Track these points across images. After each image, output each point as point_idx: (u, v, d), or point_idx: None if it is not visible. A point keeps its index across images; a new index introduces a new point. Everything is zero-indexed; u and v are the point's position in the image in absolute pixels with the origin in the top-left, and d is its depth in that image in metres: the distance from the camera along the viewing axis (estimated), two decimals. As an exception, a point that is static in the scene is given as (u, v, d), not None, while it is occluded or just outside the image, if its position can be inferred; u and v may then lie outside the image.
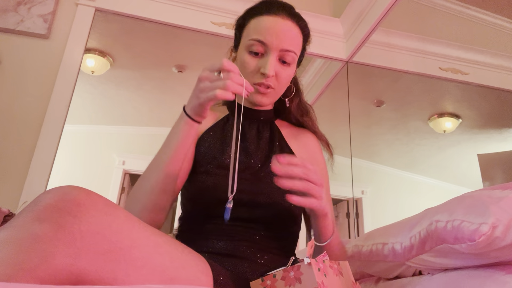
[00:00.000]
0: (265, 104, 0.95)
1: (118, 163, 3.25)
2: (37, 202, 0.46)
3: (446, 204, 0.74)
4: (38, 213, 0.44)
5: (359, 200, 2.86)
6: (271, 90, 0.92)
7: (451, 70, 2.43)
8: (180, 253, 0.56)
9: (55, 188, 0.48)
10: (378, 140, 3.19)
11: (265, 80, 0.89)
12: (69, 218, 0.44)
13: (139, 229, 0.52)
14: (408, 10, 2.40)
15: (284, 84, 0.94)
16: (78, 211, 0.46)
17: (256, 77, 0.90)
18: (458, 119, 2.90)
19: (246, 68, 0.90)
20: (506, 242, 0.60)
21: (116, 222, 0.48)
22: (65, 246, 0.43)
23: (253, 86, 0.89)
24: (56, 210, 0.45)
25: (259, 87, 0.90)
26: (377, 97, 2.77)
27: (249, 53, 0.91)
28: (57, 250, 0.42)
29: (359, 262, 0.99)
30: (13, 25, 1.89)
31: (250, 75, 0.90)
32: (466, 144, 3.24)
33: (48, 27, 1.93)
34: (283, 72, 0.92)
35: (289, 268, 0.57)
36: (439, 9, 2.50)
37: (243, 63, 0.91)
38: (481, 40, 2.50)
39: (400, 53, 2.38)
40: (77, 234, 0.44)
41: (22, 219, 0.44)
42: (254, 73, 0.90)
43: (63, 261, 0.42)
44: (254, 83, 0.90)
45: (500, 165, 2.35)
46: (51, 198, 0.46)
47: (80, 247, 0.44)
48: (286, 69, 0.92)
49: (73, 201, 0.46)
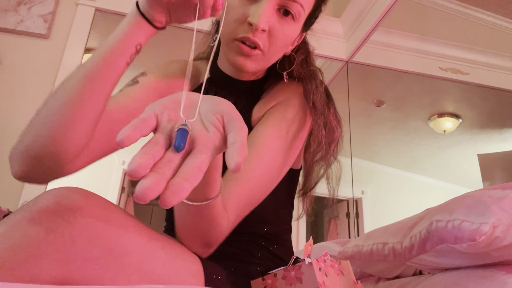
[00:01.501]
0: (249, 71, 0.69)
1: (118, 163, 3.25)
2: (34, 203, 0.46)
3: (447, 204, 0.74)
4: (32, 214, 0.44)
5: (359, 200, 2.86)
6: (258, 52, 0.67)
7: (451, 70, 2.43)
8: (174, 257, 0.54)
9: (55, 190, 0.48)
10: (378, 140, 3.19)
11: (251, 35, 0.65)
12: (62, 223, 0.44)
13: (133, 235, 0.50)
14: (408, 10, 2.40)
15: (279, 46, 0.69)
16: (73, 216, 0.45)
17: (241, 29, 0.65)
18: (458, 119, 2.90)
19: (230, 14, 0.65)
20: (507, 242, 0.60)
21: (110, 229, 0.48)
22: (53, 250, 0.43)
23: (234, 43, 0.67)
24: (50, 213, 0.44)
25: (242, 46, 0.66)
26: (377, 97, 2.77)
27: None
28: (44, 253, 0.42)
29: (359, 262, 0.99)
30: (13, 25, 1.89)
31: (233, 25, 0.66)
32: (466, 144, 3.24)
33: (48, 27, 1.93)
34: (280, 28, 0.67)
35: (290, 268, 0.57)
36: (439, 9, 2.51)
37: (229, 6, 0.65)
38: (481, 40, 2.51)
39: (400, 53, 2.39)
40: (67, 239, 0.44)
41: (17, 218, 0.44)
42: (239, 22, 0.65)
43: (48, 264, 0.42)
44: (236, 37, 0.66)
45: (500, 165, 2.35)
46: (48, 200, 0.46)
47: (68, 252, 0.43)
48: (285, 25, 0.67)
49: (69, 206, 0.46)
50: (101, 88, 0.56)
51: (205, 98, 0.44)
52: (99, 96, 0.57)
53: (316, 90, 0.74)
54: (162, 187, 0.33)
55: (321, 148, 0.73)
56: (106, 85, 0.57)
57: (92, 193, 0.50)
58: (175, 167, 0.35)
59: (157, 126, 0.39)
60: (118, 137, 0.34)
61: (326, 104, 0.75)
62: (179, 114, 0.41)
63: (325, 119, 0.73)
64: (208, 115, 0.42)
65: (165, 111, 0.40)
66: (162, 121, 0.39)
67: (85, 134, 0.57)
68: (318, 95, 0.74)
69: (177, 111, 0.41)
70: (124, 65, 0.58)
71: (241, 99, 0.77)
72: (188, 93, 0.44)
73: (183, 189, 0.33)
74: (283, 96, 0.75)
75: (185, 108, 0.42)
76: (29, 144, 0.55)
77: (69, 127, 0.55)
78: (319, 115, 0.72)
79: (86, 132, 0.57)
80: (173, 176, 0.34)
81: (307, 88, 0.74)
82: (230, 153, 0.36)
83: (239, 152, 0.36)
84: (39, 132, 0.55)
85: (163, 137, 0.38)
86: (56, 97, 0.56)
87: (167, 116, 0.40)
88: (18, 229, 0.43)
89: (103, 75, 0.56)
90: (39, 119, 0.56)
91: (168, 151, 0.37)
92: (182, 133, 0.38)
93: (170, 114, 0.40)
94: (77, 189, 0.49)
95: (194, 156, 0.37)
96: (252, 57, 0.67)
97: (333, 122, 0.75)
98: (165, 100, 0.42)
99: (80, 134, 0.56)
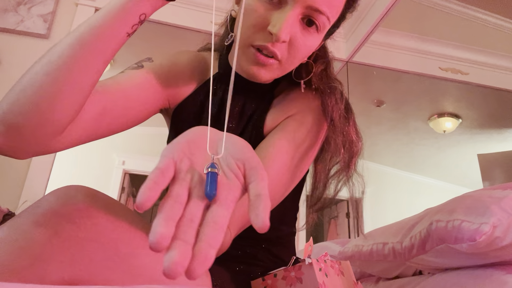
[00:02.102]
0: (262, 80, 0.65)
1: (118, 163, 3.25)
2: (39, 204, 0.45)
3: (447, 204, 0.74)
4: (37, 217, 0.43)
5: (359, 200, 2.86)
6: (274, 62, 0.62)
7: (451, 70, 2.43)
8: None
9: (59, 190, 0.47)
10: (378, 140, 3.19)
11: (270, 45, 0.59)
12: (68, 225, 0.44)
13: (141, 235, 0.49)
14: (408, 10, 2.40)
15: (297, 58, 0.64)
16: (78, 218, 0.44)
17: (260, 36, 0.60)
18: (458, 119, 2.90)
19: (249, 17, 0.60)
20: (507, 242, 0.60)
21: (117, 230, 0.47)
22: (59, 252, 0.42)
23: (249, 50, 0.61)
24: (56, 216, 0.44)
25: (258, 55, 0.61)
26: (377, 97, 2.77)
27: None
28: (50, 256, 0.42)
29: (359, 261, 0.99)
30: (13, 25, 1.89)
31: (251, 30, 0.60)
32: (466, 144, 3.24)
33: (48, 27, 1.93)
34: (301, 39, 0.61)
35: (290, 268, 0.57)
36: (439, 9, 2.50)
37: (248, 9, 0.60)
38: (481, 40, 2.51)
39: (400, 53, 2.38)
40: (74, 241, 0.43)
41: (21, 221, 0.43)
42: (258, 28, 0.60)
43: (54, 266, 0.42)
44: (253, 44, 0.61)
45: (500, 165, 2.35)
46: (53, 202, 0.45)
47: (75, 254, 0.43)
48: (307, 36, 0.62)
49: (75, 207, 0.45)
50: (95, 57, 0.50)
51: (225, 137, 0.41)
52: (92, 66, 0.50)
53: (336, 106, 0.69)
54: (189, 258, 0.30)
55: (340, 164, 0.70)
56: (101, 55, 0.50)
57: (98, 192, 0.49)
58: (197, 227, 0.32)
59: (175, 175, 0.35)
60: (138, 199, 0.31)
61: (346, 119, 0.70)
62: (199, 159, 0.38)
63: (344, 137, 0.69)
64: (227, 160, 0.39)
65: (184, 158, 0.37)
66: (181, 170, 0.36)
67: (72, 106, 0.50)
68: (338, 112, 0.69)
69: (197, 155, 0.38)
70: (125, 36, 0.51)
71: (251, 101, 0.73)
72: (204, 131, 0.41)
73: (209, 258, 0.30)
74: (298, 108, 0.71)
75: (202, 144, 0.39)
76: (7, 110, 0.48)
77: (54, 95, 0.48)
78: (338, 133, 0.68)
79: (73, 105, 0.50)
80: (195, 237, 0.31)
81: (325, 103, 0.69)
82: (255, 208, 0.33)
83: (265, 208, 0.33)
84: (20, 98, 0.48)
85: (183, 191, 0.34)
86: (42, 62, 0.49)
87: (187, 164, 0.37)
88: (22, 232, 0.42)
89: (98, 44, 0.49)
90: (20, 85, 0.49)
91: (189, 204, 0.34)
92: (213, 178, 0.34)
93: (190, 160, 0.37)
94: (82, 189, 0.48)
95: (216, 212, 0.33)
96: (268, 66, 0.62)
97: (353, 136, 0.70)
98: (182, 140, 0.39)
99: (66, 106, 0.50)
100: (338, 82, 0.74)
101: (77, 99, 0.51)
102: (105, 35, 0.50)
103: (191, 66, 0.74)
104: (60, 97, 0.49)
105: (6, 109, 0.48)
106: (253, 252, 0.73)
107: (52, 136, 0.51)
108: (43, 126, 0.49)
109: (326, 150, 0.72)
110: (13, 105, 0.48)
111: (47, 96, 0.48)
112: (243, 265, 0.71)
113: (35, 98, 0.48)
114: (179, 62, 0.73)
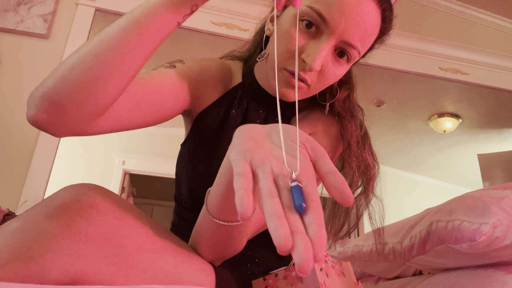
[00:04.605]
0: (290, 100, 0.67)
1: (118, 163, 3.25)
2: (53, 198, 0.47)
3: (447, 204, 0.74)
4: (51, 210, 0.45)
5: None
6: (304, 86, 0.65)
7: (451, 70, 2.43)
8: (186, 257, 0.55)
9: (72, 186, 0.49)
10: (378, 140, 3.19)
11: (303, 72, 0.63)
12: (79, 220, 0.45)
13: (147, 233, 0.51)
14: (408, 10, 2.40)
15: (325, 85, 0.68)
16: (89, 214, 0.46)
17: (293, 62, 0.62)
18: (458, 119, 2.90)
19: (285, 42, 0.63)
20: (507, 242, 0.61)
21: (124, 227, 0.49)
22: (68, 245, 0.44)
23: (283, 73, 0.64)
24: (68, 210, 0.46)
25: (290, 77, 0.64)
26: (377, 97, 2.77)
27: (299, 23, 0.62)
28: (59, 248, 0.43)
29: (359, 262, 0.99)
30: (13, 25, 1.89)
31: (285, 54, 0.63)
32: (466, 144, 3.24)
33: (48, 27, 1.93)
34: (332, 69, 0.65)
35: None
36: (439, 9, 2.51)
37: (285, 33, 0.63)
38: (481, 40, 2.51)
39: (400, 53, 2.38)
40: (83, 236, 0.45)
41: (35, 213, 0.45)
42: (293, 55, 0.62)
43: (62, 259, 0.43)
44: (286, 68, 0.63)
45: (500, 165, 2.35)
46: (66, 197, 0.47)
47: (83, 249, 0.45)
48: (337, 67, 0.65)
49: (86, 202, 0.47)
50: (146, 42, 0.51)
51: (272, 127, 0.43)
52: (141, 51, 0.51)
53: (354, 132, 0.72)
54: (311, 247, 0.30)
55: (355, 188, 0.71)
56: (151, 41, 0.51)
57: (108, 191, 0.51)
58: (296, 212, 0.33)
59: (254, 172, 0.36)
60: (240, 210, 0.31)
61: (362, 144, 0.73)
62: (266, 148, 0.39)
63: (359, 161, 0.71)
64: (290, 144, 0.40)
65: (254, 154, 0.38)
66: (258, 165, 0.36)
67: (116, 89, 0.51)
68: (355, 138, 0.72)
69: (263, 146, 0.40)
70: (175, 25, 0.52)
71: (273, 115, 0.75)
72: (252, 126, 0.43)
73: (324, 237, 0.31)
74: (317, 128, 0.74)
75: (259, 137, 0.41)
76: (52, 86, 0.48)
77: (102, 76, 0.49)
78: (352, 157, 0.71)
79: (118, 88, 0.51)
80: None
81: (345, 128, 0.73)
82: (334, 184, 0.35)
83: (343, 182, 0.35)
84: (67, 76, 0.48)
85: (271, 183, 0.35)
86: (93, 43, 0.50)
87: (259, 157, 0.37)
88: (35, 224, 0.44)
89: (150, 29, 0.50)
90: (68, 64, 0.49)
91: (281, 194, 0.34)
92: (299, 192, 0.35)
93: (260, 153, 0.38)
94: (94, 186, 0.50)
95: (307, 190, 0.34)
96: (298, 89, 0.64)
97: (369, 159, 0.73)
98: (241, 141, 0.40)
99: (111, 88, 0.51)
100: (359, 109, 0.77)
101: (122, 82, 0.52)
102: (158, 22, 0.50)
103: (219, 74, 0.76)
104: (107, 79, 0.49)
105: (52, 86, 0.48)
106: (255, 252, 0.74)
107: (92, 117, 0.52)
108: (86, 106, 0.50)
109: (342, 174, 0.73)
110: (59, 82, 0.48)
111: (94, 76, 0.49)
112: (244, 265, 0.71)
113: (83, 78, 0.48)
114: (209, 68, 0.76)
